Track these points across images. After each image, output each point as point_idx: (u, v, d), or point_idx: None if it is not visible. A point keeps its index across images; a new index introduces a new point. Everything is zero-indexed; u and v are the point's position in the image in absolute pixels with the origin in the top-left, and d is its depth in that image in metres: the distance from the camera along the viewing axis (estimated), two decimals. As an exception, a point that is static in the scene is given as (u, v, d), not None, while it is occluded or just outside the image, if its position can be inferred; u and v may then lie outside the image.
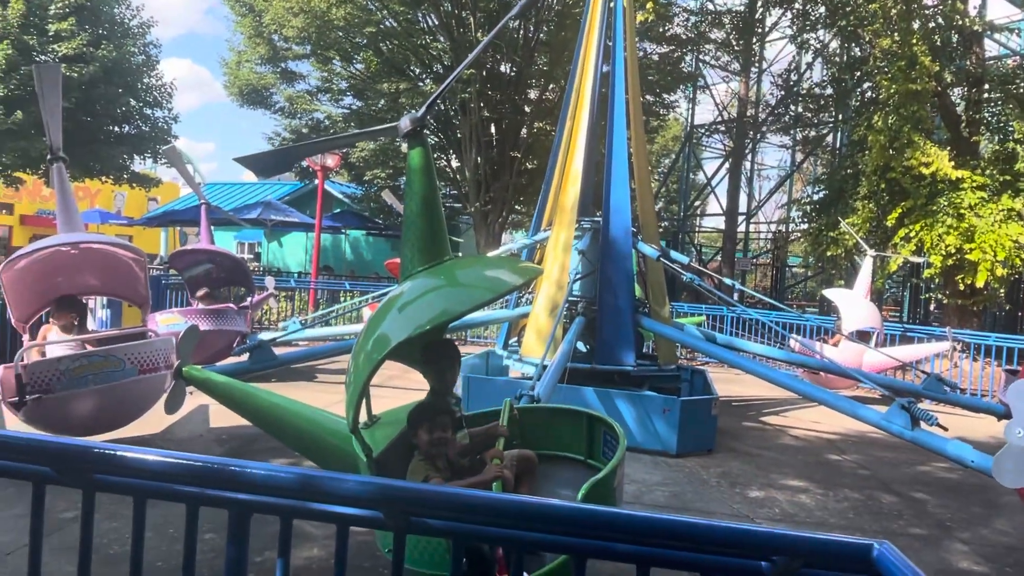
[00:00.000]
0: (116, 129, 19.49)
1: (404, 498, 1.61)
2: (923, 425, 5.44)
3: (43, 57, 16.97)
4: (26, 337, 6.06)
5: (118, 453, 1.74)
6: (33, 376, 5.14)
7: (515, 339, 9.23)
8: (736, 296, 15.80)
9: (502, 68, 19.77)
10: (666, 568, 1.70)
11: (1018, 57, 16.48)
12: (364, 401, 3.69)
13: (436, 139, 21.70)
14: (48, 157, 6.00)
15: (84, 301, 6.44)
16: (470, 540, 1.69)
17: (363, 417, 3.74)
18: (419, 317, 3.11)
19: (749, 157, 25.79)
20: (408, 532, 1.71)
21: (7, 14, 16.11)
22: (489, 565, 3.07)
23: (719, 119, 26.47)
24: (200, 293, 9.90)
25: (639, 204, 8.98)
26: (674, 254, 8.28)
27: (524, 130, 20.42)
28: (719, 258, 26.89)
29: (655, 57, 20.78)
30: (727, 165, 25.45)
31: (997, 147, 14.01)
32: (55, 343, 5.72)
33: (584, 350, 8.12)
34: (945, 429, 5.40)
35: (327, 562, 3.97)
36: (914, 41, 12.57)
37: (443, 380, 3.44)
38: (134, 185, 21.18)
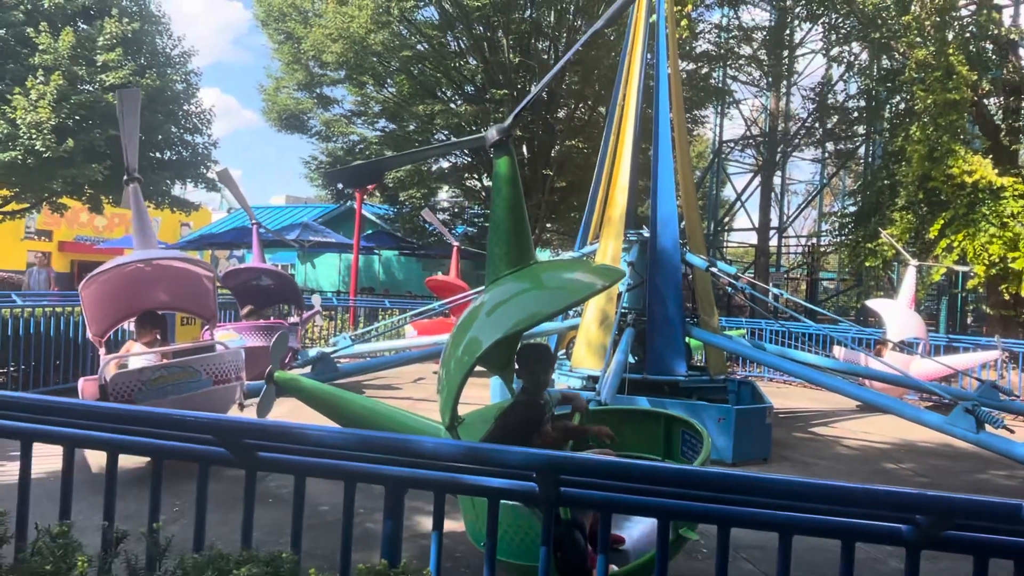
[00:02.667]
0: (158, 155, 20.04)
1: (560, 464, 1.72)
2: (988, 428, 5.45)
3: (91, 87, 17.59)
4: (102, 351, 6.29)
5: (290, 429, 1.88)
6: (116, 387, 5.36)
7: (563, 351, 9.33)
8: (773, 303, 15.75)
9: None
10: (808, 535, 1.80)
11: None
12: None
13: (468, 159, 22.03)
14: (124, 178, 6.27)
15: (164, 316, 6.68)
16: (619, 511, 1.80)
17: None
18: (509, 320, 3.23)
19: (779, 172, 25.78)
20: (559, 504, 1.83)
21: (58, 46, 16.72)
22: (582, 557, 3.18)
23: (748, 134, 26.52)
24: (245, 310, 10.18)
25: (685, 215, 9.08)
26: (721, 265, 8.36)
27: (555, 149, 20.66)
28: (751, 273, 26.79)
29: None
30: (757, 180, 25.45)
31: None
32: (135, 355, 5.95)
33: (632, 361, 8.20)
34: (1012, 432, 5.40)
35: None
36: (950, 51, 12.59)
37: (536, 382, 3.55)
38: (175, 210, 21.72)
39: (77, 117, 16.96)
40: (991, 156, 13.29)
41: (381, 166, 5.98)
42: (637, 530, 3.66)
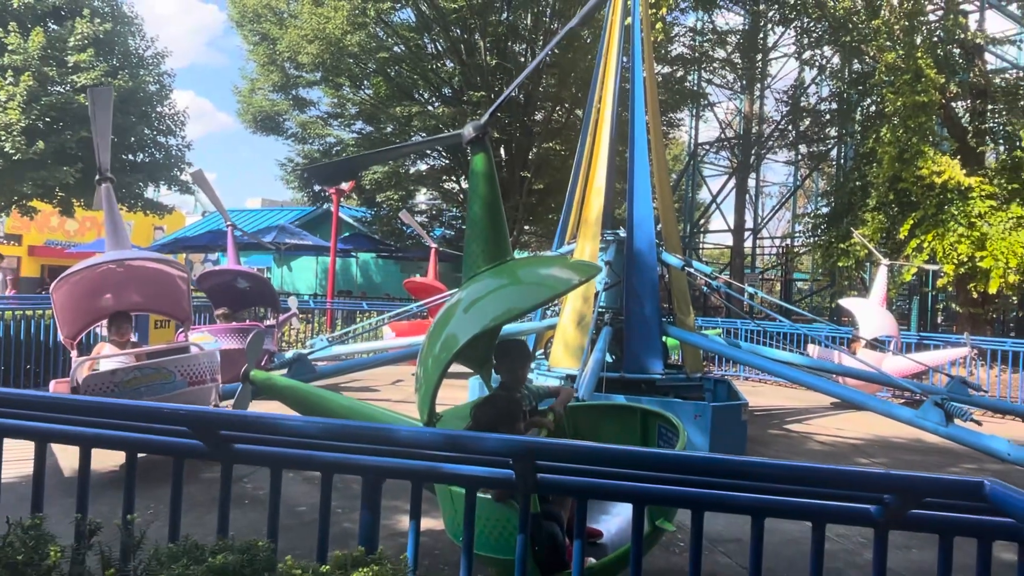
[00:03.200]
0: (131, 158, 19.77)
1: (537, 450, 1.74)
2: (957, 421, 5.56)
3: (62, 88, 17.31)
4: (74, 353, 6.20)
5: (266, 420, 1.87)
6: (89, 389, 5.27)
7: (541, 351, 9.35)
8: (748, 302, 15.93)
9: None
10: (779, 517, 1.84)
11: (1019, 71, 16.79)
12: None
13: (446, 161, 22.01)
14: (96, 178, 6.19)
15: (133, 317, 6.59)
16: (595, 497, 1.82)
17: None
18: (486, 315, 3.24)
19: (754, 174, 26.10)
20: (536, 491, 1.84)
21: (28, 46, 16.44)
22: (560, 549, 3.20)
23: (722, 136, 26.81)
24: (219, 312, 10.06)
25: (661, 217, 9.15)
26: (697, 264, 8.45)
27: (532, 151, 20.72)
28: (726, 274, 27.06)
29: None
30: (732, 182, 25.74)
31: (1004, 157, 14.23)
32: (107, 357, 5.86)
33: (610, 360, 8.24)
34: (979, 424, 5.52)
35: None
36: (919, 55, 12.85)
37: (514, 377, 3.57)
38: (148, 212, 21.43)
39: (48, 119, 16.70)
40: (959, 157, 13.58)
41: (358, 163, 5.97)
42: (615, 524, 3.69)
